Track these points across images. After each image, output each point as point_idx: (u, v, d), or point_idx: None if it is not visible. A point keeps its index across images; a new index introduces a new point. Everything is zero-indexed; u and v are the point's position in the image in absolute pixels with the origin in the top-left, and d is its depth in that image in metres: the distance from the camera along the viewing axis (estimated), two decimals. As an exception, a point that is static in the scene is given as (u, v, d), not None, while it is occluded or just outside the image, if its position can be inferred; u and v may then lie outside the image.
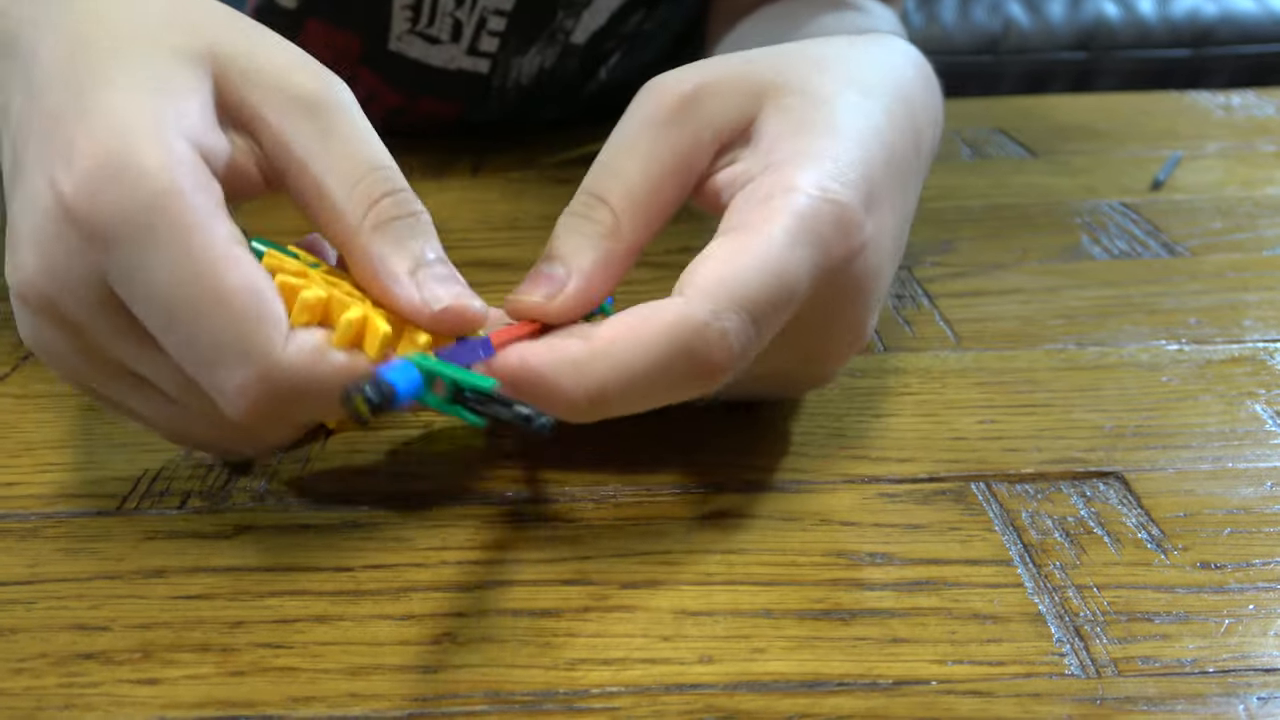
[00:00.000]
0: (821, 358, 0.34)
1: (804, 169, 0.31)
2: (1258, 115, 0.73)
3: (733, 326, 0.29)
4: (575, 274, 0.32)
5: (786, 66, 0.35)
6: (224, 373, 0.28)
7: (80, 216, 0.28)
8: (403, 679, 0.27)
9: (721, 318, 0.28)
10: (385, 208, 0.31)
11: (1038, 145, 0.68)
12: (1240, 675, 0.26)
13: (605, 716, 0.25)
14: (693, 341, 0.28)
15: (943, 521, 0.32)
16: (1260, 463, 0.35)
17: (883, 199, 0.33)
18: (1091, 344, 0.42)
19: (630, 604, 0.29)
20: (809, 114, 0.33)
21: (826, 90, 0.34)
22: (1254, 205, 0.57)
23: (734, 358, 0.29)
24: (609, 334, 0.29)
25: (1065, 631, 0.28)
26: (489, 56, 0.64)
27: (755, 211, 0.31)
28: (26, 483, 0.35)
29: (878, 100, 0.35)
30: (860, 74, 0.36)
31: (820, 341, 0.33)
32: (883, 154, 0.33)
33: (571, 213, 0.33)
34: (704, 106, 0.33)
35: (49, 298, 0.29)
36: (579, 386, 0.28)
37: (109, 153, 0.28)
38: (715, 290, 0.29)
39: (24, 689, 0.27)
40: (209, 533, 0.32)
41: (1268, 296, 0.46)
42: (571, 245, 0.32)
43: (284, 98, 0.31)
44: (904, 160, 0.35)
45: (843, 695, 0.26)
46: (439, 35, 0.63)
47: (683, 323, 0.28)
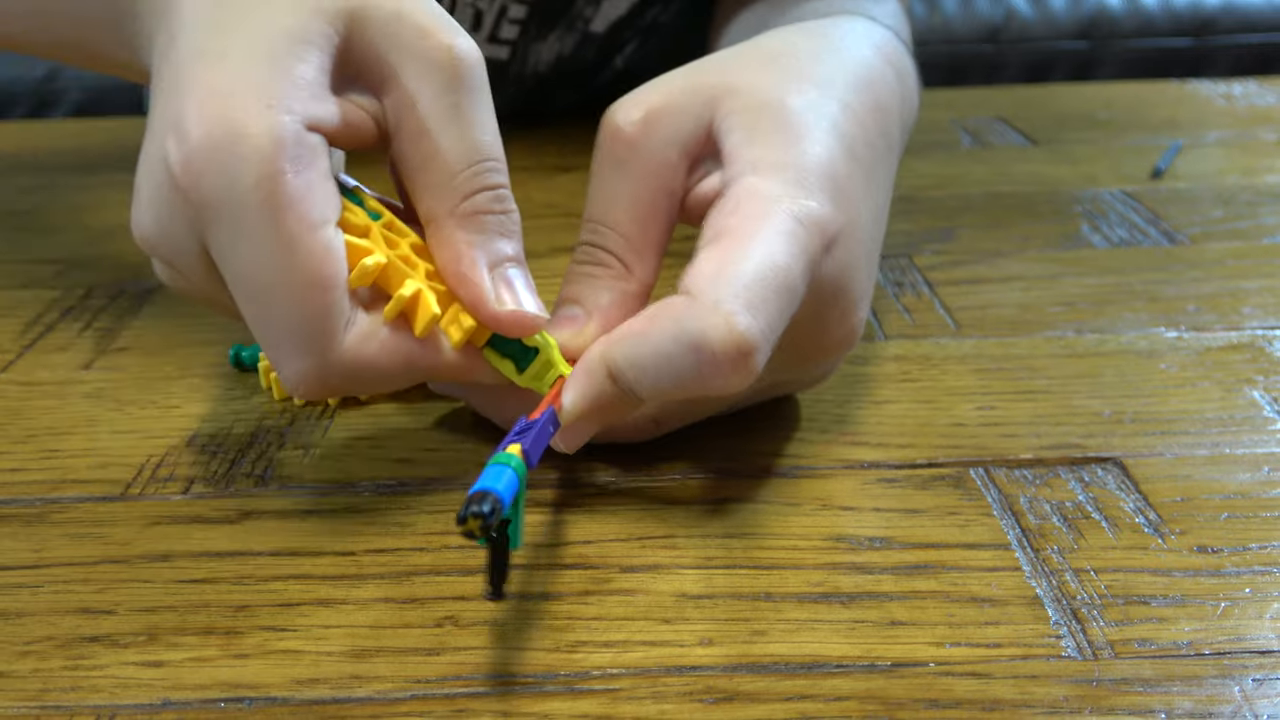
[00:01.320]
0: (814, 359, 0.34)
1: (764, 178, 0.32)
2: (1258, 104, 0.73)
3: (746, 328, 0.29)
4: (595, 313, 0.33)
5: (735, 69, 0.35)
6: (285, 357, 0.30)
7: (186, 190, 0.29)
8: (405, 661, 0.27)
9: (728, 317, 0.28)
10: (484, 200, 0.32)
11: (1039, 134, 0.68)
12: (1236, 657, 0.27)
13: (606, 698, 0.26)
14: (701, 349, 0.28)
15: (942, 506, 0.32)
16: (1257, 448, 0.35)
17: (850, 194, 0.33)
18: (1091, 331, 0.42)
19: (631, 587, 0.29)
20: (762, 119, 0.33)
21: (777, 90, 0.34)
22: (1254, 194, 0.57)
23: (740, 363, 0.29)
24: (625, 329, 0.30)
25: (1062, 614, 0.28)
26: (509, 44, 0.64)
27: (732, 215, 0.31)
28: (31, 468, 0.35)
29: (832, 91, 0.35)
30: (812, 67, 0.36)
31: (810, 343, 0.33)
32: (841, 148, 0.33)
33: (578, 263, 0.34)
34: (660, 130, 0.34)
35: (160, 251, 0.31)
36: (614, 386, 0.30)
37: (215, 129, 0.28)
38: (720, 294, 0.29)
39: (31, 671, 0.27)
40: (213, 518, 0.32)
41: (1267, 284, 0.46)
42: (584, 288, 0.33)
43: (421, 59, 0.31)
44: (868, 148, 0.35)
45: (842, 677, 0.26)
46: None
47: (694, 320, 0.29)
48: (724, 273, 0.29)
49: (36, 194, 0.62)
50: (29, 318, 0.46)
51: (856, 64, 0.37)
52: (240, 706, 0.26)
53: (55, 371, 0.41)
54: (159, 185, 0.30)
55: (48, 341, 0.43)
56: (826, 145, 0.33)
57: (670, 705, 0.25)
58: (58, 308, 0.46)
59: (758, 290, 0.29)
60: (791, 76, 0.35)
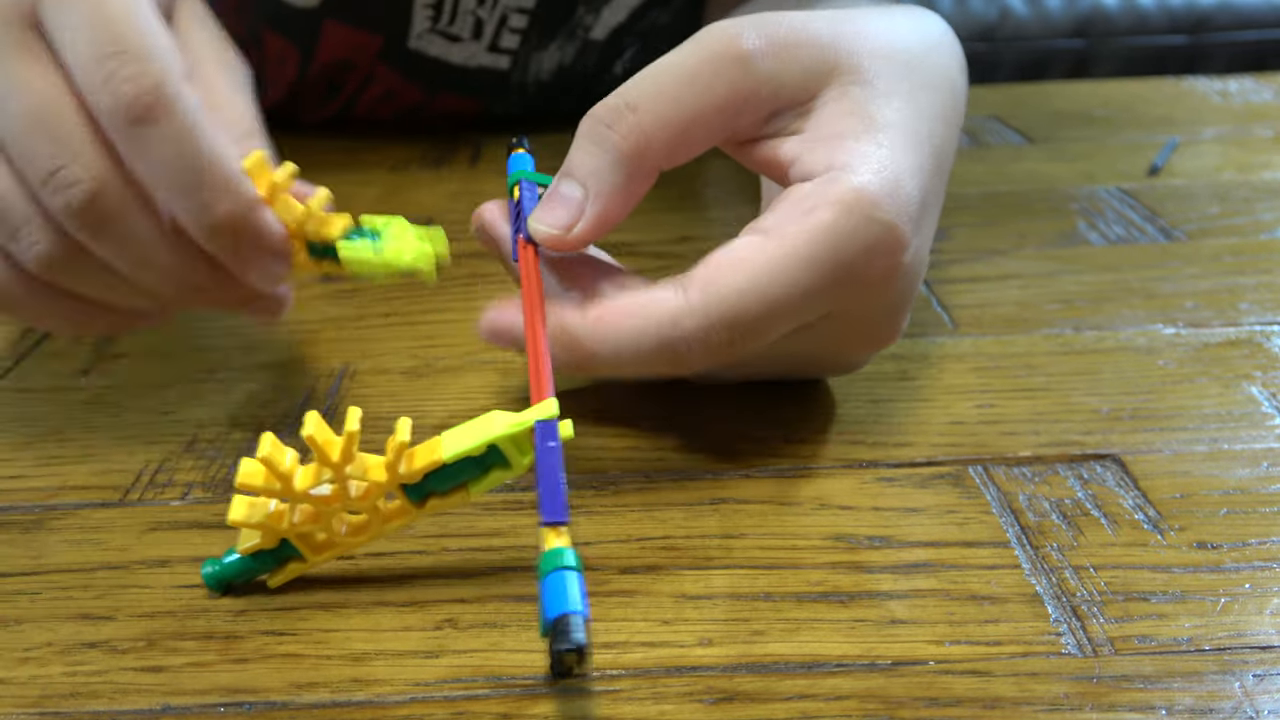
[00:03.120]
0: (855, 350, 0.35)
1: (858, 178, 0.31)
2: (1255, 100, 0.73)
3: (718, 339, 0.30)
4: (594, 197, 0.32)
5: (852, 44, 0.34)
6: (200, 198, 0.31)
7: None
8: (405, 664, 0.27)
9: (710, 331, 0.30)
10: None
11: (1035, 132, 0.68)
12: (1236, 653, 0.27)
13: (606, 699, 0.26)
14: (677, 344, 0.30)
15: (940, 505, 0.32)
16: (1256, 444, 0.35)
17: (930, 208, 0.33)
18: (1089, 328, 0.42)
19: (630, 589, 0.29)
20: (872, 109, 0.33)
21: (888, 81, 0.33)
22: (1251, 190, 0.57)
23: (712, 359, 0.31)
24: (604, 312, 0.31)
25: (1062, 611, 0.28)
26: (510, 53, 0.64)
27: (792, 220, 0.31)
28: (30, 475, 0.35)
29: (934, 95, 0.35)
30: (918, 61, 0.35)
31: (855, 337, 0.34)
32: (934, 161, 0.34)
33: (596, 118, 0.32)
34: (769, 64, 0.32)
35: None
36: (569, 351, 0.31)
37: None
38: (714, 306, 0.30)
39: (30, 678, 0.27)
40: (211, 523, 0.32)
41: (1264, 280, 0.46)
42: (590, 160, 0.32)
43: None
44: (949, 157, 0.35)
45: (841, 676, 0.26)
46: (460, 34, 0.63)
47: (673, 325, 0.30)
48: (726, 283, 0.30)
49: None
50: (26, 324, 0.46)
51: (948, 66, 0.37)
52: (240, 711, 0.26)
53: (53, 378, 0.41)
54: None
55: (45, 348, 0.43)
56: (923, 157, 0.33)
57: (670, 706, 0.25)
58: (55, 314, 0.46)
59: (751, 308, 0.30)
60: (902, 69, 0.34)
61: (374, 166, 0.63)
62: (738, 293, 0.30)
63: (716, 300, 0.30)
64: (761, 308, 0.30)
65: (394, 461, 0.28)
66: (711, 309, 0.30)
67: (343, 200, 0.58)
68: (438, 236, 0.35)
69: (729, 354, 0.31)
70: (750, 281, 0.30)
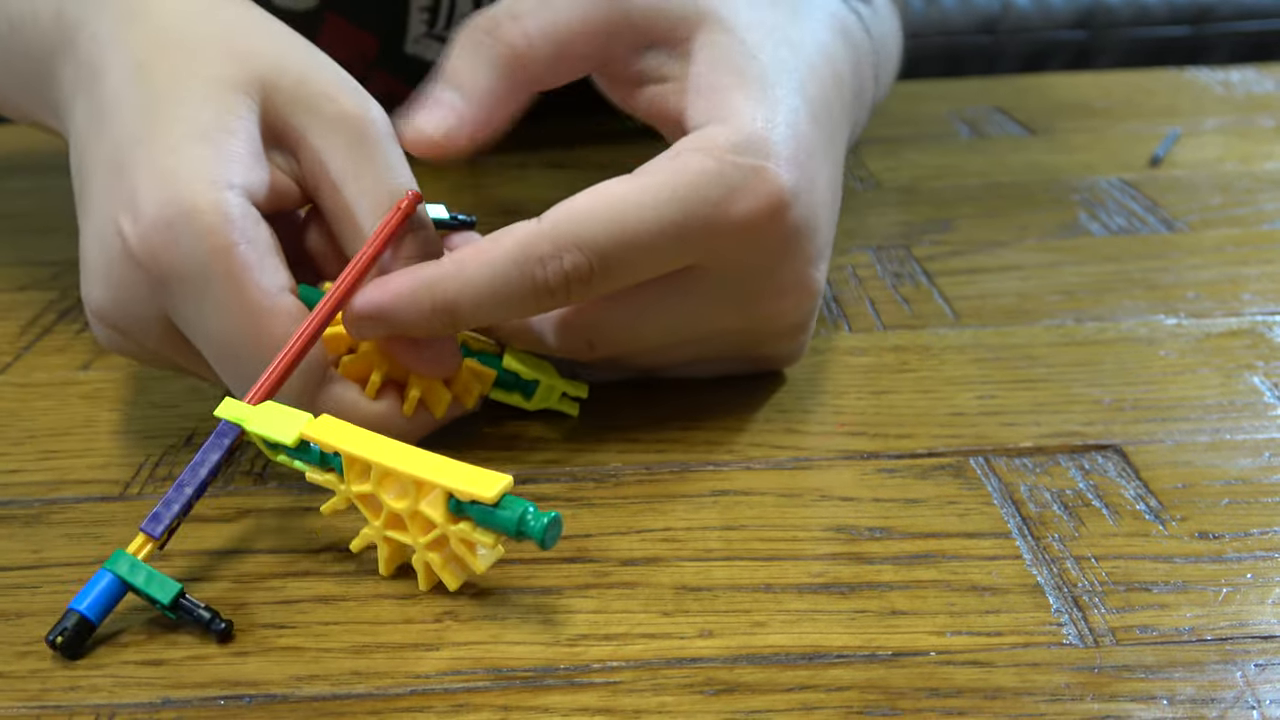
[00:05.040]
0: (771, 314, 0.35)
1: (725, 127, 0.32)
2: (1257, 91, 0.72)
3: (571, 261, 0.31)
4: (471, 102, 0.32)
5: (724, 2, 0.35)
6: None
7: (145, 265, 0.31)
8: (405, 657, 0.27)
9: (561, 252, 0.30)
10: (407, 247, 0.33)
11: (1036, 123, 0.68)
12: (1238, 643, 0.26)
13: (606, 691, 0.26)
14: (534, 269, 0.31)
15: (941, 496, 0.32)
16: (1258, 434, 0.35)
17: (811, 153, 0.34)
18: (1090, 319, 0.42)
19: (631, 580, 0.29)
20: (740, 61, 0.34)
21: (758, 37, 0.35)
22: (1253, 180, 0.57)
23: (571, 288, 0.31)
24: (460, 256, 0.31)
25: (1063, 602, 0.28)
26: None
27: (659, 163, 0.32)
28: (30, 470, 0.35)
29: (802, 55, 0.36)
30: (785, 18, 0.36)
31: (764, 296, 0.34)
32: (807, 110, 0.34)
33: (475, 27, 0.33)
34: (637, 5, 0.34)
35: (117, 321, 0.33)
36: (434, 307, 0.31)
37: (168, 207, 0.30)
38: (563, 226, 0.31)
39: (30, 671, 0.27)
40: (212, 516, 0.32)
41: (1266, 270, 0.46)
42: (469, 65, 0.32)
43: (325, 120, 0.33)
44: (826, 113, 0.36)
45: (842, 667, 0.26)
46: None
47: (525, 249, 0.31)
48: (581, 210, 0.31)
49: (34, 196, 0.62)
50: (26, 319, 0.46)
51: (815, 33, 0.38)
52: (240, 704, 0.26)
53: (53, 373, 0.41)
54: (113, 261, 0.31)
55: (45, 343, 0.43)
56: (794, 105, 0.34)
57: (671, 697, 0.25)
58: (55, 309, 0.46)
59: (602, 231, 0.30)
60: (770, 27, 0.36)
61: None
62: (589, 215, 0.31)
63: (567, 221, 0.31)
64: (612, 232, 0.31)
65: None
66: (563, 231, 0.31)
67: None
68: (581, 390, 0.36)
69: (590, 288, 0.31)
70: (605, 207, 0.31)
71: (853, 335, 0.42)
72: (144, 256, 0.30)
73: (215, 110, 0.32)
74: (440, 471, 0.27)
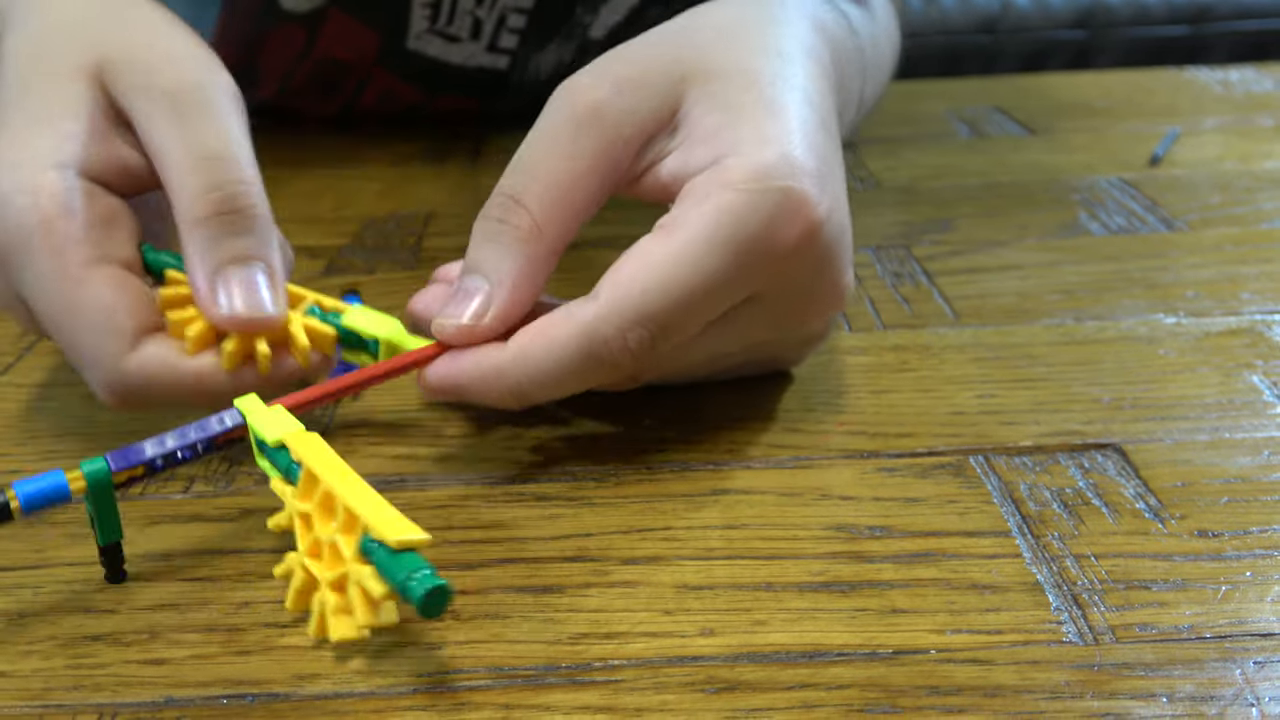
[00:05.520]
0: (803, 322, 0.35)
1: (744, 160, 0.32)
2: (1256, 90, 0.73)
3: (636, 338, 0.31)
4: (501, 287, 0.32)
5: (700, 44, 0.35)
6: (87, 373, 0.33)
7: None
8: (407, 656, 0.27)
9: (626, 331, 0.31)
10: (208, 203, 0.33)
11: (1036, 123, 0.68)
12: (1237, 640, 0.27)
13: (608, 689, 0.26)
14: (599, 351, 0.31)
15: (941, 494, 0.32)
16: (1257, 432, 0.35)
17: (830, 162, 0.34)
18: (1089, 318, 0.42)
19: (632, 579, 0.29)
20: (739, 96, 0.33)
21: (746, 64, 0.34)
22: (1252, 179, 0.57)
23: (640, 362, 0.31)
24: (525, 340, 0.31)
25: (1063, 600, 0.28)
26: (509, 53, 0.64)
27: (689, 210, 0.32)
28: (31, 470, 0.35)
29: (795, 62, 0.36)
30: (762, 36, 0.36)
31: (799, 309, 0.34)
32: (816, 118, 0.34)
33: (488, 216, 0.33)
34: (622, 102, 0.33)
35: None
36: (503, 390, 0.32)
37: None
38: (622, 305, 0.31)
39: (33, 671, 0.27)
40: (214, 516, 0.32)
41: (1265, 269, 0.46)
42: (490, 254, 0.33)
43: (150, 94, 0.34)
44: (831, 113, 0.36)
45: (843, 665, 0.26)
46: (458, 34, 0.63)
47: (589, 334, 0.31)
48: (636, 283, 0.31)
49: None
50: (28, 320, 0.46)
51: (800, 38, 0.38)
52: (243, 703, 0.26)
53: (54, 373, 0.41)
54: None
55: (46, 344, 0.43)
56: (804, 119, 0.34)
57: (672, 695, 0.25)
58: (57, 310, 0.46)
59: (661, 302, 0.31)
60: (757, 50, 0.35)
61: (375, 162, 0.63)
62: (643, 289, 0.31)
63: (626, 301, 0.31)
64: (671, 300, 0.31)
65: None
66: (624, 310, 0.31)
67: (345, 196, 0.58)
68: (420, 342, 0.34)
69: (657, 352, 0.31)
70: (656, 276, 0.31)
71: (853, 335, 0.42)
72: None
73: (55, 95, 0.34)
74: (372, 509, 0.27)
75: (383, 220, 0.55)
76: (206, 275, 0.33)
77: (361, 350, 0.35)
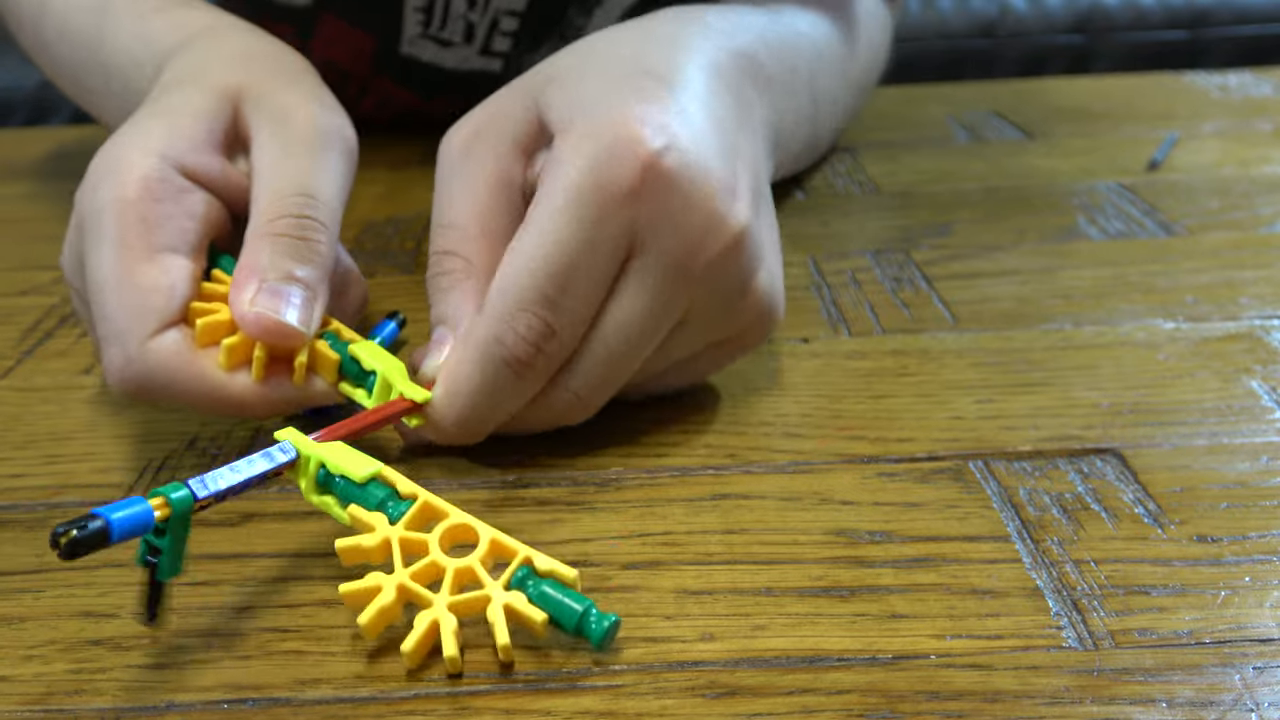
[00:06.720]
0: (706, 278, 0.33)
1: (573, 125, 0.33)
2: (1254, 95, 0.73)
3: (525, 324, 0.32)
4: (459, 328, 0.34)
5: (556, 64, 0.37)
6: (107, 351, 0.33)
7: (76, 212, 0.35)
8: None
9: (513, 322, 0.32)
10: (284, 225, 0.35)
11: (1034, 128, 0.68)
12: (1236, 646, 0.27)
13: (608, 694, 0.26)
14: (499, 353, 0.32)
15: (941, 499, 0.32)
16: (1256, 438, 0.35)
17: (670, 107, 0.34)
18: (1088, 323, 0.42)
19: (632, 584, 0.29)
20: (586, 87, 0.35)
21: (598, 63, 0.36)
22: (1250, 184, 0.57)
23: (543, 348, 0.32)
24: (444, 375, 0.33)
25: (1063, 605, 0.28)
26: (502, 56, 0.64)
27: (538, 192, 0.33)
28: (32, 474, 0.35)
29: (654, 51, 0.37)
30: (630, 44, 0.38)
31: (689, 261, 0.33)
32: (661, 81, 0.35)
33: (430, 275, 0.36)
34: (489, 130, 0.36)
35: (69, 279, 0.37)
36: (451, 429, 0.33)
37: (100, 162, 0.35)
38: (497, 301, 0.32)
39: (34, 675, 0.27)
40: (215, 520, 0.32)
41: (1264, 274, 0.46)
42: (444, 303, 0.35)
43: (275, 123, 0.37)
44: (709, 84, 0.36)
45: (843, 670, 0.26)
46: (451, 38, 0.63)
47: (485, 340, 0.32)
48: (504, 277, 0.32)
49: (35, 201, 0.62)
50: (28, 324, 0.46)
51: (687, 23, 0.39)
52: (244, 708, 0.26)
53: (55, 377, 0.41)
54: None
55: (47, 348, 0.43)
56: (640, 83, 0.34)
57: (672, 700, 0.25)
58: (56, 314, 0.47)
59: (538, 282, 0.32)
60: (611, 55, 0.37)
61: (375, 165, 0.63)
62: (510, 278, 0.32)
63: (501, 295, 0.32)
64: (540, 273, 0.32)
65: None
66: (505, 303, 0.32)
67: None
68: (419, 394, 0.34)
69: (558, 336, 0.32)
70: (522, 258, 0.32)
71: (852, 339, 0.42)
72: (76, 205, 0.35)
73: (189, 100, 0.37)
74: (517, 544, 0.28)
75: (381, 224, 0.55)
76: (246, 275, 0.34)
77: (359, 385, 0.35)
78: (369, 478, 0.29)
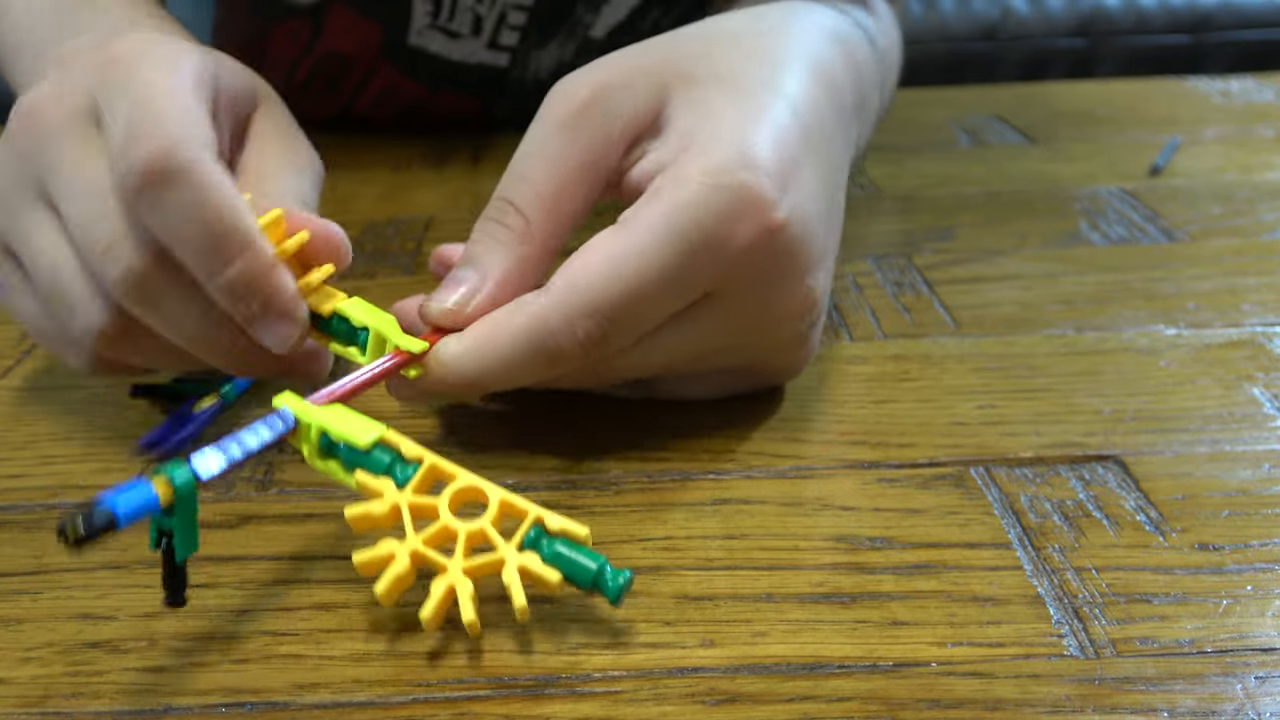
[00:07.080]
0: (772, 330, 0.35)
1: (702, 156, 0.32)
2: (1256, 100, 0.73)
3: (584, 329, 0.31)
4: (489, 279, 0.33)
5: (689, 52, 0.36)
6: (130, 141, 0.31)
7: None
8: (406, 665, 0.27)
9: (574, 322, 0.31)
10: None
11: (1036, 132, 0.68)
12: (1238, 655, 0.27)
13: (607, 700, 0.26)
14: (547, 342, 0.31)
15: (942, 506, 0.32)
16: (1258, 445, 0.35)
17: (800, 164, 0.33)
18: (1090, 329, 0.42)
19: (632, 589, 0.29)
20: (716, 99, 0.34)
21: (732, 70, 0.35)
22: (1253, 190, 0.57)
23: (591, 355, 0.32)
24: (477, 332, 0.32)
25: (1064, 613, 0.28)
26: (509, 50, 0.64)
27: (644, 206, 0.32)
28: (30, 475, 0.35)
29: (788, 70, 0.36)
30: (763, 47, 0.37)
31: (759, 313, 0.34)
32: (792, 121, 0.34)
33: (486, 218, 0.34)
34: (608, 104, 0.34)
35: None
36: (457, 379, 0.32)
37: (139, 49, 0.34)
38: (569, 297, 0.31)
39: (31, 678, 0.27)
40: (213, 522, 0.32)
41: (1266, 281, 0.46)
42: (485, 250, 0.34)
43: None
44: (819, 119, 0.36)
45: (843, 677, 0.26)
46: (459, 30, 0.63)
47: (538, 325, 0.31)
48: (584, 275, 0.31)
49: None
50: (28, 323, 0.46)
51: (806, 44, 0.38)
52: (241, 711, 0.26)
53: (54, 377, 0.41)
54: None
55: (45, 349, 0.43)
56: (779, 123, 0.34)
57: (672, 707, 0.25)
58: (56, 313, 0.46)
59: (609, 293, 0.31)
60: (746, 55, 0.36)
61: (376, 166, 0.63)
62: (592, 282, 0.31)
63: (574, 292, 0.31)
64: (619, 292, 0.31)
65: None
66: (573, 302, 0.31)
67: (345, 200, 0.58)
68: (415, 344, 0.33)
69: (610, 346, 0.32)
70: (606, 268, 0.31)
71: (853, 344, 0.42)
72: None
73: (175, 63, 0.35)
74: (528, 503, 0.28)
75: (382, 225, 0.55)
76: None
77: (350, 342, 0.34)
78: (373, 443, 0.29)
